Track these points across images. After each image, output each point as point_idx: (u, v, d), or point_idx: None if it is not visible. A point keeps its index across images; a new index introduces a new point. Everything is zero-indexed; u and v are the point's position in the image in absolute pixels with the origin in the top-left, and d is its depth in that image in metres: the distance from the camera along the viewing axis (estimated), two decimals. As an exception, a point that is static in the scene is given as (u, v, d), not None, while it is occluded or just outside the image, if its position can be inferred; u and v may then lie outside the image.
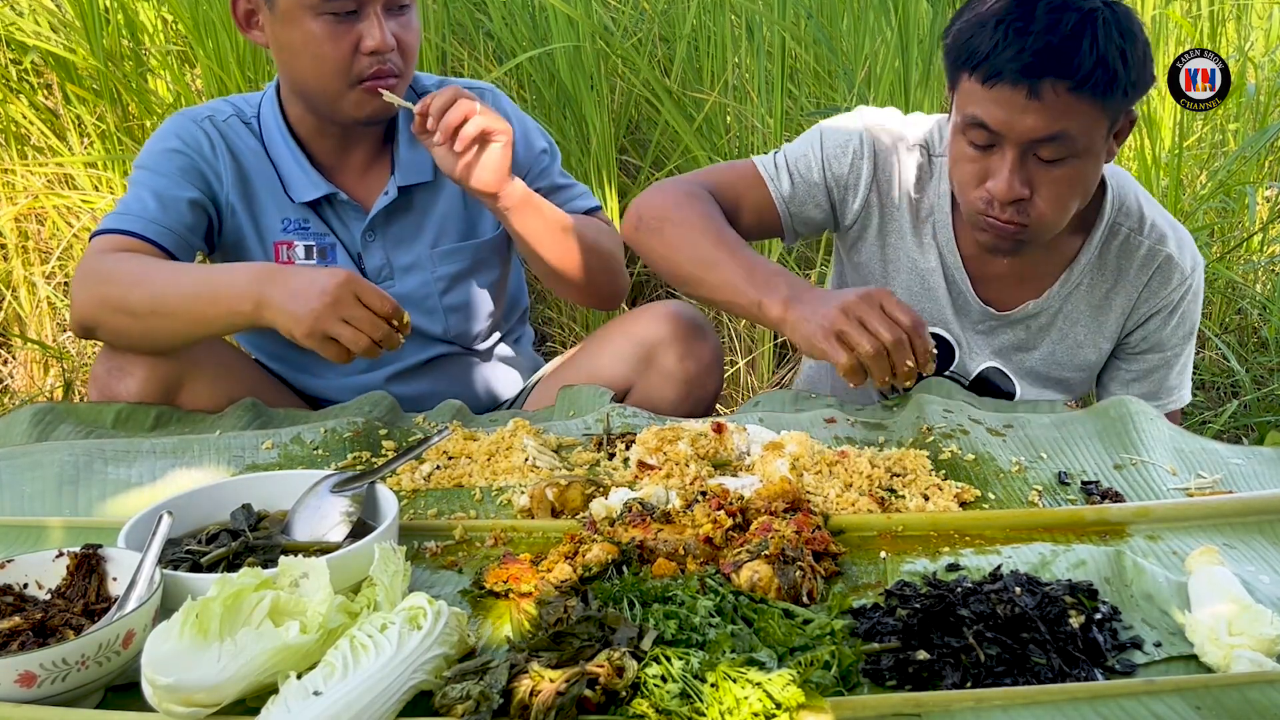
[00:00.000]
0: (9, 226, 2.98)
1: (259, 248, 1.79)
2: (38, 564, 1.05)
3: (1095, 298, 1.74)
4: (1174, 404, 1.82)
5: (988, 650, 0.96)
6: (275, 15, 1.62)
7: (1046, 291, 1.73)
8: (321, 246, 1.79)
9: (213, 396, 1.67)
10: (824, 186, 1.73)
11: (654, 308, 1.79)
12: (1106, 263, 1.72)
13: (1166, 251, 1.70)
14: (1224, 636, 0.96)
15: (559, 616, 0.99)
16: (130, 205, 1.67)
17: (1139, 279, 1.72)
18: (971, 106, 1.47)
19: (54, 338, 3.03)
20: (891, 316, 1.38)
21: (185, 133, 1.74)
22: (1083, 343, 1.77)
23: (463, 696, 0.88)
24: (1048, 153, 1.47)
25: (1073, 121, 1.44)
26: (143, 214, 1.65)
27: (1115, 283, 1.73)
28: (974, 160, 1.52)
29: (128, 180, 1.76)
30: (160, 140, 1.75)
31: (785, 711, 0.86)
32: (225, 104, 1.81)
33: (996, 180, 1.50)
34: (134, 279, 1.56)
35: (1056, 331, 1.76)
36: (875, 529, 1.26)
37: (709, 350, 1.76)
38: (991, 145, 1.49)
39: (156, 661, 0.86)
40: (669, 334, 1.73)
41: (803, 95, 3.07)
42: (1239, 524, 1.26)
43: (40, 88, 3.12)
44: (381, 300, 1.45)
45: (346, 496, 1.20)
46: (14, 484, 1.37)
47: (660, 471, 1.39)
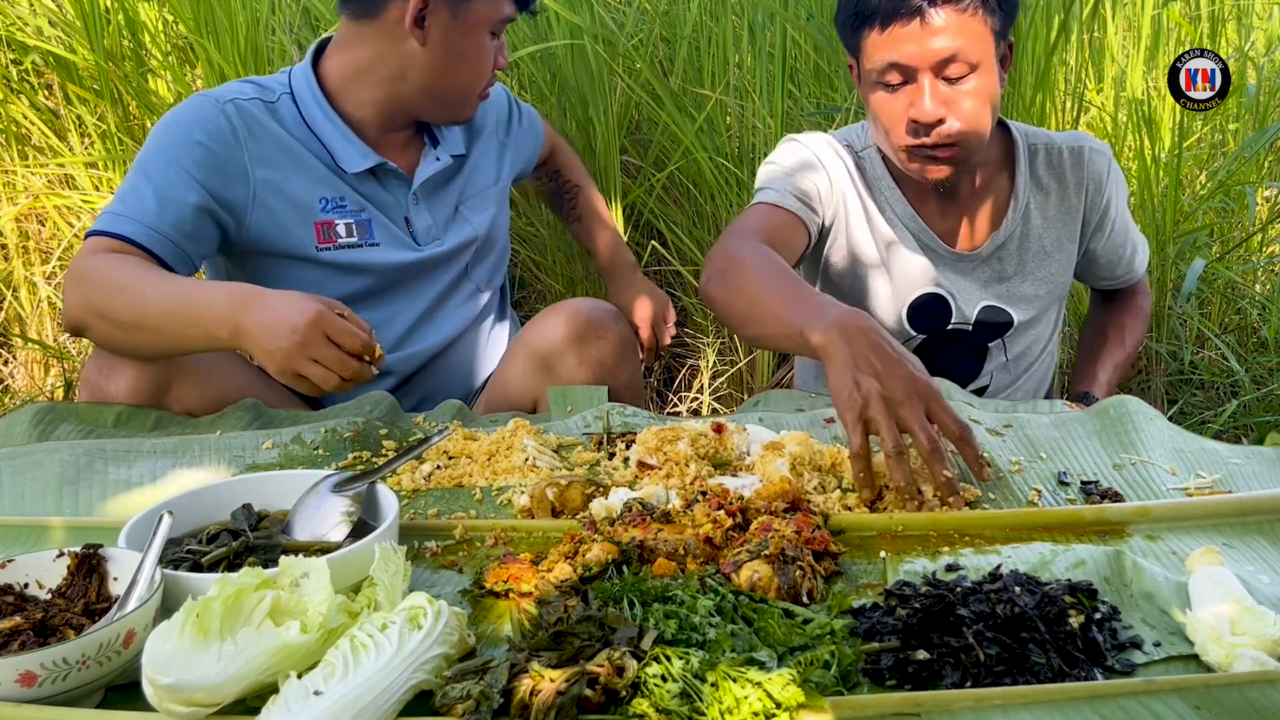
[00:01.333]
0: (9, 226, 2.98)
1: (300, 228, 1.80)
2: (38, 564, 1.05)
3: (1049, 209, 1.94)
4: (1138, 271, 2.10)
5: (987, 650, 0.96)
6: (456, 23, 1.77)
7: (1004, 220, 1.91)
8: (360, 223, 1.84)
9: (203, 398, 1.66)
10: (813, 194, 1.87)
11: (550, 312, 1.83)
12: (1040, 177, 1.93)
13: (1081, 145, 1.93)
14: (1227, 636, 0.96)
15: (559, 616, 0.99)
16: (129, 204, 1.65)
17: (1075, 176, 1.93)
18: (879, 54, 1.67)
19: (54, 338, 3.03)
20: (939, 422, 1.28)
21: (208, 120, 1.72)
22: (1050, 250, 1.95)
23: (463, 696, 0.88)
24: (953, 70, 1.65)
25: (963, 38, 1.64)
26: (141, 217, 1.64)
27: (1058, 187, 1.93)
28: (893, 100, 1.71)
29: (135, 165, 1.71)
30: (180, 129, 1.72)
31: (785, 711, 0.86)
32: (246, 84, 1.82)
33: (917, 106, 1.67)
34: (118, 288, 1.55)
35: (1029, 251, 1.94)
36: (875, 529, 1.26)
37: (609, 346, 1.79)
38: (904, 82, 1.68)
39: (157, 661, 0.86)
40: (561, 339, 1.77)
41: (803, 95, 3.07)
42: (1238, 524, 1.26)
43: (41, 88, 3.12)
44: (352, 337, 1.42)
45: (347, 496, 1.20)
46: (14, 484, 1.37)
47: (660, 471, 1.39)
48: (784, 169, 1.88)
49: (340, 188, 1.83)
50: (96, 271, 1.57)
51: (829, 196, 1.88)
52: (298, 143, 1.80)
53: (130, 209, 1.65)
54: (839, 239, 1.92)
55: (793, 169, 1.87)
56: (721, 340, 2.97)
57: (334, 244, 1.82)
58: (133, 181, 1.69)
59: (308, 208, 1.80)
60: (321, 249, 1.82)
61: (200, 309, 1.49)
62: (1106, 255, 2.03)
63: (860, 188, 1.90)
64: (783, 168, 1.89)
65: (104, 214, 1.67)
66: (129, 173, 1.71)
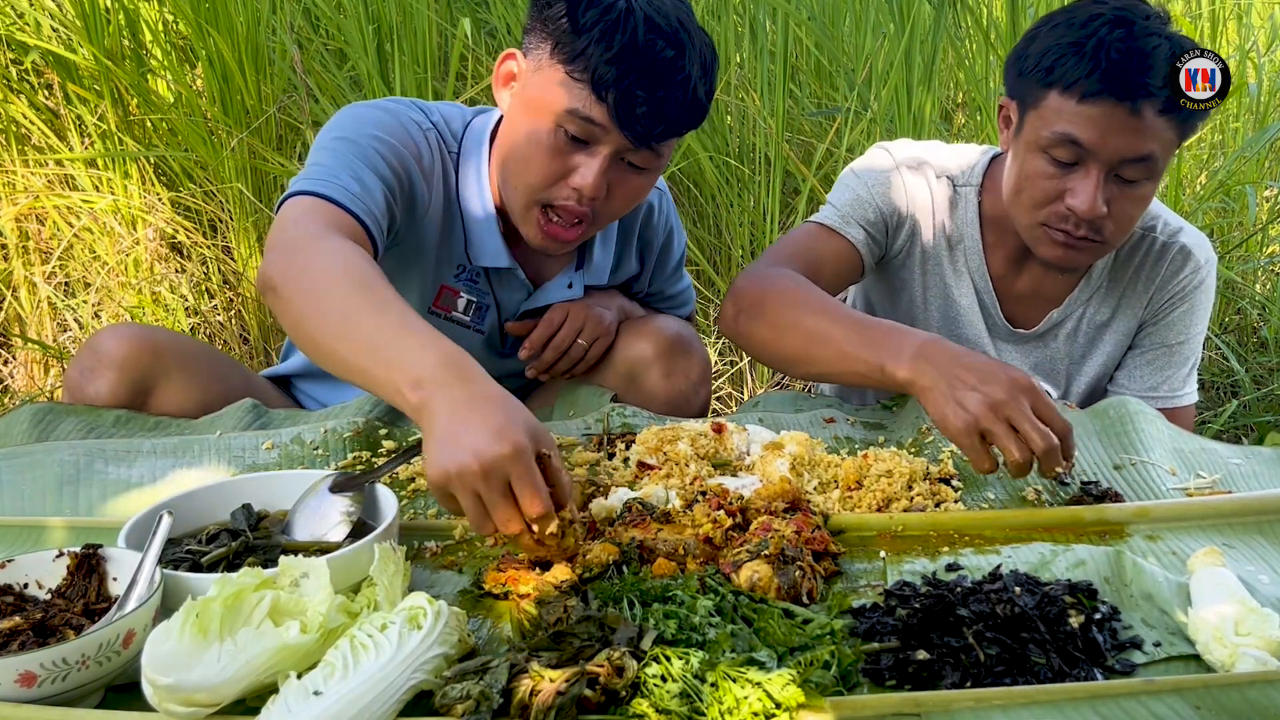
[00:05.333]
0: (9, 226, 2.98)
1: (422, 278, 1.66)
2: (38, 564, 1.05)
3: (1115, 297, 1.78)
4: (1180, 399, 1.83)
5: (987, 650, 0.96)
6: (525, 89, 1.50)
7: (1066, 300, 1.77)
8: (481, 304, 1.72)
9: (185, 402, 1.63)
10: (882, 224, 1.75)
11: (639, 325, 1.79)
12: (1122, 262, 1.76)
13: (1181, 242, 1.75)
14: (1230, 636, 0.96)
15: (559, 616, 0.99)
16: (340, 175, 1.44)
17: (1155, 271, 1.76)
18: (1061, 123, 1.49)
19: (54, 338, 3.03)
20: (1044, 418, 1.26)
21: (411, 125, 1.58)
22: (1106, 342, 1.80)
23: (463, 696, 0.88)
24: (1131, 173, 1.51)
25: (1158, 143, 1.49)
26: (351, 190, 1.43)
27: (1133, 279, 1.77)
28: (1052, 177, 1.54)
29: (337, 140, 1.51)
30: (391, 116, 1.56)
31: (785, 711, 0.86)
32: (450, 109, 1.67)
33: (1079, 198, 1.51)
34: (335, 286, 1.25)
35: (1082, 336, 1.80)
36: (875, 529, 1.26)
37: (695, 366, 1.76)
38: (1075, 163, 1.52)
39: (157, 661, 0.86)
40: (652, 352, 1.73)
41: (804, 95, 3.08)
42: (1238, 524, 1.26)
43: (40, 87, 3.12)
44: (532, 501, 1.07)
45: (346, 496, 1.20)
46: (14, 484, 1.37)
47: (660, 471, 1.39)
48: (859, 186, 1.75)
49: (475, 267, 1.69)
50: (321, 258, 1.30)
51: (900, 223, 1.76)
52: (453, 209, 1.64)
53: (344, 180, 1.44)
54: (898, 268, 1.81)
55: (871, 188, 1.74)
56: (721, 340, 2.97)
57: (447, 313, 1.70)
58: (330, 161, 1.47)
59: (446, 265, 1.66)
60: (433, 312, 1.70)
61: (407, 354, 1.16)
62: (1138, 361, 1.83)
63: (944, 224, 1.76)
64: (859, 184, 1.75)
65: (314, 178, 1.44)
66: (330, 144, 1.51)
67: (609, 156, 1.47)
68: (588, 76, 1.41)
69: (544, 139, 1.47)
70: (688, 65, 1.43)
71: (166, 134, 3.07)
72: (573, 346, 1.74)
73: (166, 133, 3.07)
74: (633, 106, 1.42)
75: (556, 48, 1.43)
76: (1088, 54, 1.46)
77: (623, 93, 1.41)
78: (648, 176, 1.55)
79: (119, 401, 1.59)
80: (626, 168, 1.51)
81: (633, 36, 1.40)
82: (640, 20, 1.40)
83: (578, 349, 1.74)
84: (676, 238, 1.91)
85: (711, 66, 1.50)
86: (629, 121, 1.43)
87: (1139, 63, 1.44)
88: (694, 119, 1.50)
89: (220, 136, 2.96)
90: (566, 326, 1.73)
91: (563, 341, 1.73)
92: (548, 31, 1.45)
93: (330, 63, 3.09)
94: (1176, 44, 1.47)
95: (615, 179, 1.51)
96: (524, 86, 1.51)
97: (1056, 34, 1.51)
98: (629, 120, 1.43)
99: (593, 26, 1.40)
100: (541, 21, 1.46)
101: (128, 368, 1.60)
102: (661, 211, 1.86)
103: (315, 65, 2.99)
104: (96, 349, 1.61)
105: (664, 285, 1.95)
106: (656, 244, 1.88)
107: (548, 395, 1.81)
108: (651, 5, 1.43)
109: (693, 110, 1.48)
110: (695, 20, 1.50)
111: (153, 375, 1.62)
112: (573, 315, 1.74)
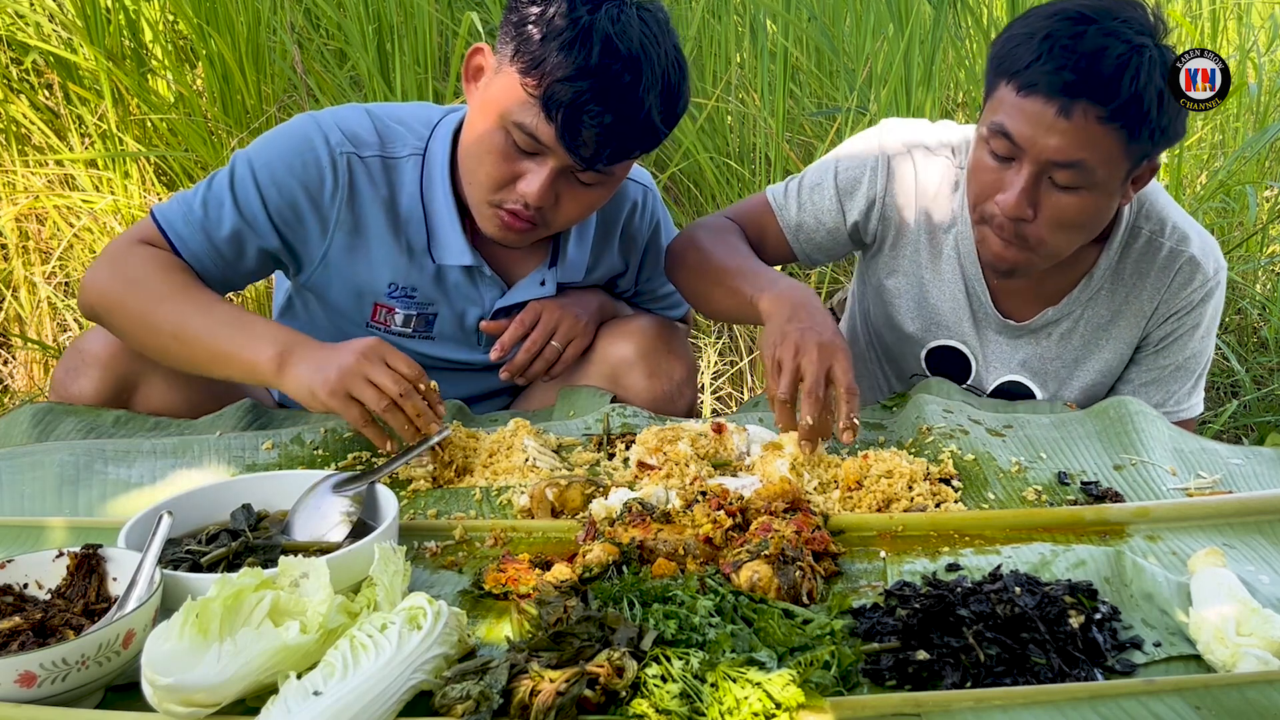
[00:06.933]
0: (9, 226, 2.98)
1: (349, 299, 1.68)
2: (38, 564, 1.05)
3: (1116, 302, 1.72)
4: (1184, 413, 1.79)
5: (987, 650, 0.96)
6: (483, 93, 1.51)
7: (1065, 298, 1.71)
8: (421, 315, 1.70)
9: (170, 399, 1.63)
10: (839, 212, 1.73)
11: (621, 325, 1.78)
12: (1127, 267, 1.70)
13: (1189, 253, 1.67)
14: (1232, 636, 0.96)
15: (559, 616, 0.99)
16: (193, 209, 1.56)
17: (1160, 281, 1.69)
18: (1000, 114, 1.46)
19: (54, 338, 3.03)
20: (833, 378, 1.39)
21: (311, 163, 1.56)
22: (1104, 348, 1.74)
23: (463, 696, 0.88)
24: (1063, 178, 1.45)
25: (1095, 152, 1.42)
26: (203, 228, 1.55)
27: (1136, 285, 1.70)
28: (991, 170, 1.51)
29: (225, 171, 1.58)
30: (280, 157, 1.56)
31: (785, 711, 0.86)
32: (392, 126, 1.63)
33: (1006, 194, 1.48)
34: (165, 293, 1.49)
35: (1078, 338, 1.74)
36: (875, 529, 1.26)
37: (679, 367, 1.75)
38: (1010, 159, 1.48)
39: (156, 661, 0.86)
40: (634, 353, 1.72)
41: (805, 95, 3.07)
42: (1239, 524, 1.26)
43: (41, 87, 3.12)
44: (409, 364, 1.41)
45: (346, 496, 1.20)
46: (14, 484, 1.37)
47: (660, 471, 1.39)
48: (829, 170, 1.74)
49: (418, 277, 1.66)
50: (145, 270, 1.51)
51: (874, 210, 1.73)
52: (398, 214, 1.62)
53: (194, 215, 1.55)
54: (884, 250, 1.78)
55: (844, 172, 1.73)
56: (722, 340, 2.97)
57: (385, 328, 1.70)
58: (210, 192, 1.57)
59: (370, 289, 1.66)
60: (371, 326, 1.71)
61: (251, 326, 1.46)
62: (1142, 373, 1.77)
63: (939, 205, 1.71)
64: (831, 168, 1.74)
65: (173, 205, 1.57)
66: (215, 173, 1.60)
67: (555, 170, 1.47)
68: (540, 92, 1.40)
69: (495, 142, 1.47)
70: (643, 91, 1.42)
71: (167, 134, 3.07)
72: (546, 348, 1.71)
73: (167, 133, 3.07)
74: (579, 130, 1.41)
75: (517, 53, 1.43)
76: (1034, 46, 1.41)
77: (571, 114, 1.40)
78: (599, 190, 1.55)
79: (103, 400, 1.60)
80: (575, 181, 1.51)
81: (588, 57, 1.38)
82: (598, 41, 1.39)
83: (551, 351, 1.71)
84: (665, 235, 1.89)
85: (678, 89, 1.48)
86: (574, 145, 1.43)
87: (1082, 64, 1.38)
88: (647, 144, 1.50)
89: (220, 136, 2.97)
90: (539, 328, 1.70)
91: (535, 343, 1.70)
92: (513, 34, 1.44)
93: (331, 62, 3.09)
94: (1145, 55, 1.39)
95: (564, 190, 1.51)
96: (486, 85, 1.51)
97: (1024, 23, 1.47)
98: (574, 144, 1.43)
99: (553, 39, 1.39)
100: (510, 22, 1.46)
101: (111, 366, 1.59)
102: (646, 208, 1.84)
103: (315, 65, 2.99)
104: (80, 349, 1.62)
105: (653, 285, 1.93)
106: (641, 241, 1.85)
107: (548, 395, 1.81)
108: (616, 24, 1.40)
109: (645, 136, 1.48)
110: (667, 39, 1.47)
111: (135, 374, 1.61)
112: (546, 316, 1.71)
